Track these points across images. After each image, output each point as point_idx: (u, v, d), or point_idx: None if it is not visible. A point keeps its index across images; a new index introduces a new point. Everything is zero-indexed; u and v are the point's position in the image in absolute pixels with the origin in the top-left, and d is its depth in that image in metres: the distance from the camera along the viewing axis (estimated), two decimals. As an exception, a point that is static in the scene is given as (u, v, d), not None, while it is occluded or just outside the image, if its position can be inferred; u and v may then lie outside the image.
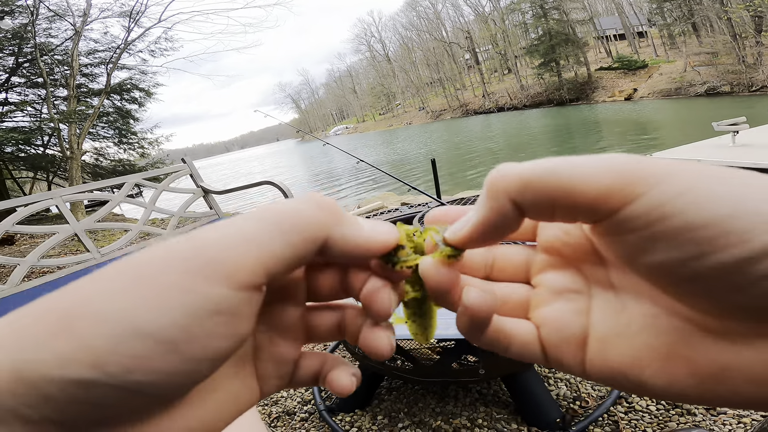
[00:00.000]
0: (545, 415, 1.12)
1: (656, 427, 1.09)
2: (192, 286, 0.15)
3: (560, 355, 0.20)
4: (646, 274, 0.16)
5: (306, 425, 1.33)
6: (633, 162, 0.15)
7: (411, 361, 1.10)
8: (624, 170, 0.15)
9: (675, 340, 0.17)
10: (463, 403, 1.27)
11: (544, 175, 0.16)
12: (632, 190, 0.15)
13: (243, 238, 0.16)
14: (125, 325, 0.14)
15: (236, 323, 0.16)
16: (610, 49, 41.30)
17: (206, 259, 0.15)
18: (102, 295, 0.14)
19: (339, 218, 0.18)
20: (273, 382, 0.21)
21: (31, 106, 10.90)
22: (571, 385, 1.28)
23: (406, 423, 1.23)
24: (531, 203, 0.17)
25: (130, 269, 0.15)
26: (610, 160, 0.16)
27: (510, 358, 0.22)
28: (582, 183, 0.16)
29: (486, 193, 0.18)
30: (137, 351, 0.14)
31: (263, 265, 0.16)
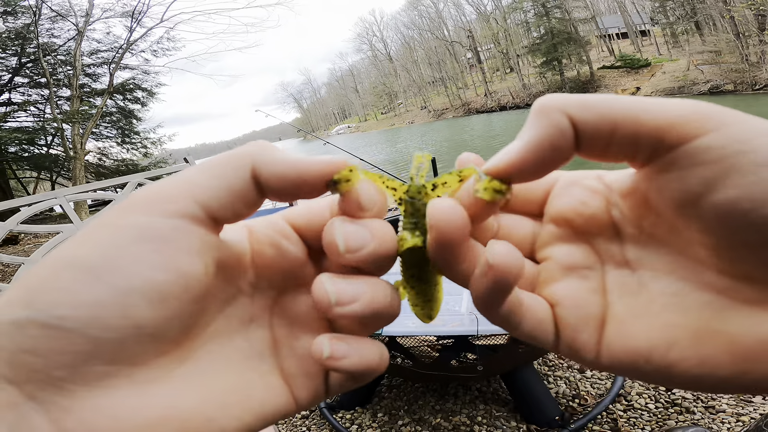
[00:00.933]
0: (544, 413, 1.13)
1: (655, 425, 1.09)
2: (121, 217, 0.15)
3: (575, 336, 0.18)
4: (708, 217, 0.15)
5: (307, 423, 1.34)
6: (706, 103, 0.15)
7: (410, 359, 1.11)
8: (698, 106, 0.14)
9: (707, 316, 0.16)
10: (463, 400, 1.28)
11: (608, 99, 0.15)
12: (706, 122, 0.14)
13: (174, 178, 0.16)
14: (56, 259, 0.14)
15: (169, 252, 0.15)
16: (613, 47, 41.15)
17: (139, 197, 0.16)
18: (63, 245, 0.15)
19: (267, 147, 0.17)
20: (304, 384, 0.19)
21: (35, 106, 10.95)
22: (570, 383, 1.29)
23: (406, 420, 1.24)
24: (591, 124, 0.15)
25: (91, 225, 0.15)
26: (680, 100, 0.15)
27: (508, 356, 0.21)
28: (651, 111, 0.15)
29: (536, 112, 0.16)
30: (63, 282, 0.14)
31: (192, 194, 0.16)
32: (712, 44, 28.45)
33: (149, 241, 0.15)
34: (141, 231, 0.15)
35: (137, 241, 0.14)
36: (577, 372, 1.33)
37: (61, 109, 10.34)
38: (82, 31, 9.99)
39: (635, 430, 1.09)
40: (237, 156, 0.17)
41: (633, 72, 35.88)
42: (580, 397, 1.22)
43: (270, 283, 0.20)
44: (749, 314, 0.15)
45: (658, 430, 1.07)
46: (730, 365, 0.15)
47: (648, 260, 0.18)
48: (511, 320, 0.18)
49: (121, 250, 0.14)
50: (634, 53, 37.98)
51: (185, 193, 0.16)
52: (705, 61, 28.75)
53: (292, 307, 0.20)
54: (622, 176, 0.19)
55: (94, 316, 0.14)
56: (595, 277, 0.19)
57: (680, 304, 0.16)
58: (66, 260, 0.14)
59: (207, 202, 0.16)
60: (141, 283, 0.14)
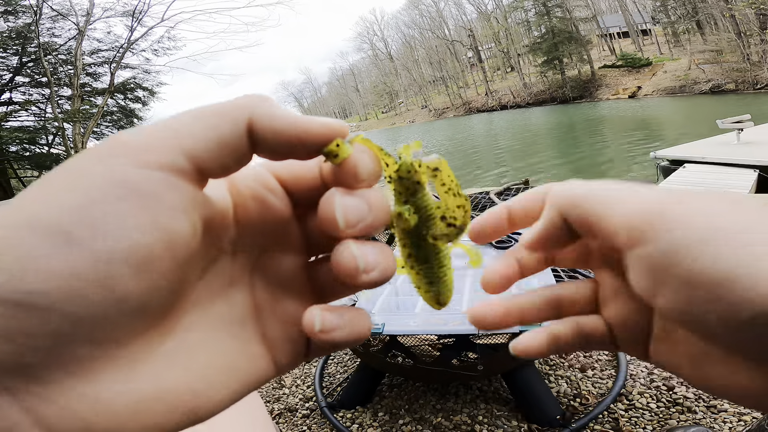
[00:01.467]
0: (545, 413, 1.13)
1: (656, 424, 1.09)
2: (95, 167, 0.12)
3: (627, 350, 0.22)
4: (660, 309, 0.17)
5: (307, 422, 1.34)
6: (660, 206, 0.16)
7: (411, 358, 1.11)
8: (649, 212, 0.16)
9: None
10: (464, 400, 1.28)
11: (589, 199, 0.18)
12: (648, 231, 0.16)
13: (159, 124, 0.14)
14: (15, 221, 0.11)
15: (154, 210, 0.13)
16: (614, 47, 41.11)
17: (117, 143, 0.13)
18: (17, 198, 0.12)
19: (266, 100, 0.15)
20: (286, 348, 0.18)
21: (36, 106, 10.97)
22: (572, 383, 1.28)
23: (406, 420, 1.24)
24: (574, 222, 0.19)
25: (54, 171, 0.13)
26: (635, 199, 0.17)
27: (509, 356, 0.23)
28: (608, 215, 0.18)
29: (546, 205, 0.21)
30: (28, 249, 0.11)
31: (179, 144, 0.14)
32: (713, 43, 28.47)
33: (131, 198, 0.12)
34: (121, 185, 0.12)
35: (117, 197, 0.12)
36: (578, 371, 1.33)
37: (62, 109, 10.36)
38: (82, 30, 10.01)
39: (637, 429, 1.08)
40: (234, 106, 0.15)
41: (634, 71, 35.86)
42: (581, 396, 1.22)
43: (252, 241, 0.18)
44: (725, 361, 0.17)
45: (659, 429, 1.07)
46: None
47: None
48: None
49: (98, 209, 0.12)
50: (635, 52, 37.96)
51: (172, 143, 0.14)
52: (706, 60, 28.79)
53: (273, 269, 0.18)
54: None
55: (71, 290, 0.12)
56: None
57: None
58: (30, 222, 0.11)
59: (196, 154, 0.14)
60: (124, 248, 0.12)
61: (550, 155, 12.63)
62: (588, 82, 38.65)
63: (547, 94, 42.38)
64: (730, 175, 4.41)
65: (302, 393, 1.49)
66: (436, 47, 60.07)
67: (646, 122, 17.02)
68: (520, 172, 10.51)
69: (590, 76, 38.69)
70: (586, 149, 12.67)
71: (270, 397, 1.51)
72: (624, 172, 8.64)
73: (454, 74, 57.30)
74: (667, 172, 5.25)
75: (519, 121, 26.95)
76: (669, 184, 4.34)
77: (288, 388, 1.53)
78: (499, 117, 36.60)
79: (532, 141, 16.57)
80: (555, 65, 40.80)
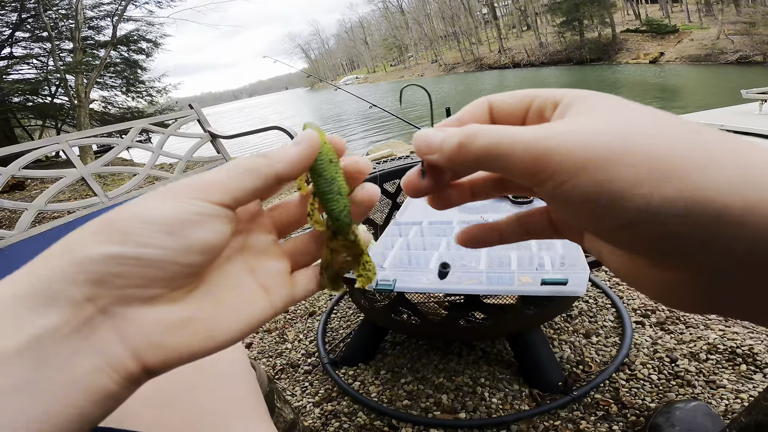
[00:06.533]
0: (548, 378, 1.13)
1: (655, 396, 1.09)
2: (184, 198, 0.22)
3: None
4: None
5: (309, 378, 1.35)
6: (543, 146, 0.19)
7: (418, 316, 1.09)
8: (534, 159, 0.19)
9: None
10: (467, 361, 1.28)
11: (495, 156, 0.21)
12: (536, 177, 0.20)
13: (215, 176, 0.23)
14: (139, 217, 0.20)
15: (214, 223, 0.22)
16: (640, 12, 38.99)
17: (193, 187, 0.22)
18: (127, 207, 0.21)
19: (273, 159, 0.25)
20: (278, 292, 0.27)
21: (37, 59, 10.72)
22: (575, 348, 1.28)
23: (408, 379, 1.25)
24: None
25: (146, 195, 0.22)
26: (524, 145, 0.20)
27: (517, 318, 0.23)
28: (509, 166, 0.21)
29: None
30: (147, 232, 0.20)
31: (227, 190, 0.23)
32: (747, 15, 27.00)
33: (202, 216, 0.22)
34: (198, 209, 0.22)
35: (194, 215, 0.22)
36: (582, 337, 1.32)
37: (64, 61, 10.11)
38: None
39: (636, 400, 1.08)
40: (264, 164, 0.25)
41: (659, 37, 34.13)
42: (584, 364, 1.21)
43: (243, 227, 0.27)
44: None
45: (658, 401, 1.07)
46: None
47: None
48: None
49: (185, 219, 0.21)
50: (662, 19, 36.00)
51: (223, 188, 0.23)
52: (737, 31, 27.40)
53: (256, 245, 0.28)
54: None
55: (168, 257, 0.20)
56: None
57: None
58: (147, 217, 0.20)
59: (238, 195, 0.24)
60: (200, 241, 0.22)
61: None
62: (608, 45, 36.98)
63: (563, 54, 40.75)
64: (748, 146, 4.27)
65: (305, 348, 1.50)
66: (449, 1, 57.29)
67: (666, 87, 16.41)
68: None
69: (610, 40, 36.99)
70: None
71: (273, 352, 1.53)
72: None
73: (467, 30, 54.94)
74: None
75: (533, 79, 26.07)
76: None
77: (291, 343, 1.55)
78: (512, 74, 35.45)
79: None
80: (574, 26, 38.93)
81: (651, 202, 0.17)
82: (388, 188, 1.75)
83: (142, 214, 0.20)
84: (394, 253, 1.15)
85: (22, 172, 2.14)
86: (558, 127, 0.20)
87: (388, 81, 59.19)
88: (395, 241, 1.23)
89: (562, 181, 0.18)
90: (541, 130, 0.20)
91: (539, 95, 0.24)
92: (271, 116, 32.73)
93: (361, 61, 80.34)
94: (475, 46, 53.88)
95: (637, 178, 0.17)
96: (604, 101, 0.21)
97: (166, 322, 0.21)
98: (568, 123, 0.20)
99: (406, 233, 1.31)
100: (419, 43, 63.30)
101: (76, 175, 2.34)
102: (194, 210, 0.21)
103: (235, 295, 0.25)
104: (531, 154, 0.19)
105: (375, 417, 1.15)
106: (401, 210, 1.49)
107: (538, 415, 1.07)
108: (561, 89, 0.23)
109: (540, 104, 0.24)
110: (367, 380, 1.28)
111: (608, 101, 0.21)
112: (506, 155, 0.20)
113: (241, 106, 76.84)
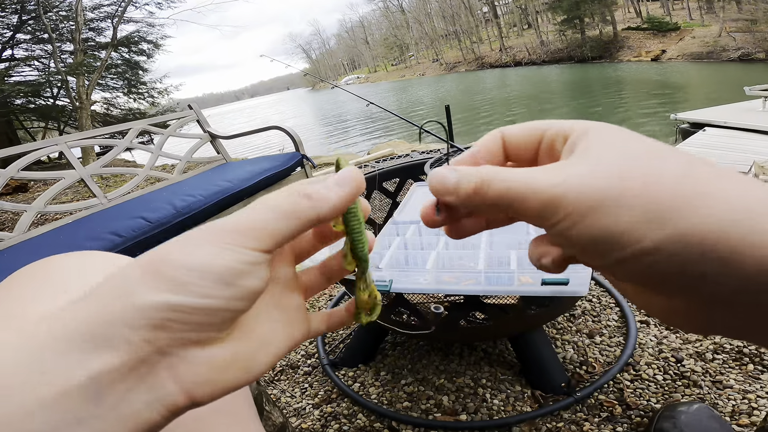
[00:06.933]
0: (551, 379, 1.11)
1: (660, 397, 1.07)
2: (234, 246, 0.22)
3: None
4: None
5: (309, 379, 1.34)
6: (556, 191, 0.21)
7: (417, 317, 1.08)
8: (550, 197, 0.21)
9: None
10: (468, 361, 1.26)
11: (510, 199, 0.23)
12: (554, 215, 0.21)
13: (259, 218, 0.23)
14: (193, 267, 0.21)
15: (260, 270, 0.23)
16: (640, 9, 38.85)
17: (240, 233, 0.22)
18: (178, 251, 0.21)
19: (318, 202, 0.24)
20: (297, 327, 0.28)
21: (38, 61, 10.76)
22: (578, 349, 1.26)
23: (409, 380, 1.23)
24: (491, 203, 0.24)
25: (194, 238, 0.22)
26: (539, 188, 0.22)
27: (519, 318, 0.24)
28: (524, 207, 0.23)
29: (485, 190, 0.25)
30: (204, 282, 0.21)
31: (272, 235, 0.23)
32: (749, 12, 26.91)
33: (251, 264, 0.22)
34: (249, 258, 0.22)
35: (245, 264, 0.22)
36: (585, 337, 1.30)
37: (65, 63, 10.15)
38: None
39: (641, 401, 1.06)
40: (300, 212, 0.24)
41: (660, 35, 34.00)
42: (587, 364, 1.19)
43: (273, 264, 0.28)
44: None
45: (663, 402, 1.05)
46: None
47: None
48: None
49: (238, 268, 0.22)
50: (663, 16, 35.86)
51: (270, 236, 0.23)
52: (739, 28, 27.33)
53: (279, 277, 0.28)
54: None
55: (225, 305, 0.22)
56: None
57: None
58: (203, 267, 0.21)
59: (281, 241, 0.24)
60: (248, 288, 0.22)
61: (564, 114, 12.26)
62: (609, 42, 36.85)
63: (564, 52, 40.64)
64: (751, 141, 4.23)
65: (304, 349, 1.49)
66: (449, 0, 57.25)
67: (668, 85, 16.33)
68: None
69: (612, 37, 36.86)
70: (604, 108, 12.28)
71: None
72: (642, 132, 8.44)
73: (468, 29, 54.87)
74: (686, 134, 5.10)
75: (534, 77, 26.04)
76: (688, 146, 4.20)
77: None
78: (513, 73, 35.39)
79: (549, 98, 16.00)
80: (575, 24, 38.82)
81: (645, 244, 0.18)
82: (388, 187, 1.74)
83: (197, 264, 0.21)
84: (390, 253, 1.13)
85: (21, 173, 2.14)
86: (567, 170, 0.21)
87: (390, 80, 59.16)
88: (392, 241, 1.22)
89: (572, 223, 0.20)
90: (552, 175, 0.21)
91: (550, 127, 0.25)
92: (274, 116, 32.75)
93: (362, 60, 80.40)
94: (476, 44, 53.83)
95: (633, 221, 0.19)
96: (609, 137, 0.22)
97: (216, 362, 0.22)
98: (576, 165, 0.22)
99: (404, 232, 1.30)
100: (420, 42, 63.31)
101: (75, 176, 2.34)
102: (246, 260, 0.22)
103: (265, 331, 0.26)
104: (543, 200, 0.21)
105: (375, 419, 1.14)
106: (399, 209, 1.47)
107: (541, 416, 1.06)
108: (569, 121, 0.25)
109: (551, 137, 0.25)
110: (367, 381, 1.26)
111: (613, 138, 0.22)
112: (520, 201, 0.22)
113: (242, 107, 77.02)
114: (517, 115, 12.89)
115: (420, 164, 1.71)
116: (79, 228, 1.91)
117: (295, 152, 2.67)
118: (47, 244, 1.76)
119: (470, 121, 12.13)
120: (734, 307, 0.19)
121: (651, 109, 10.84)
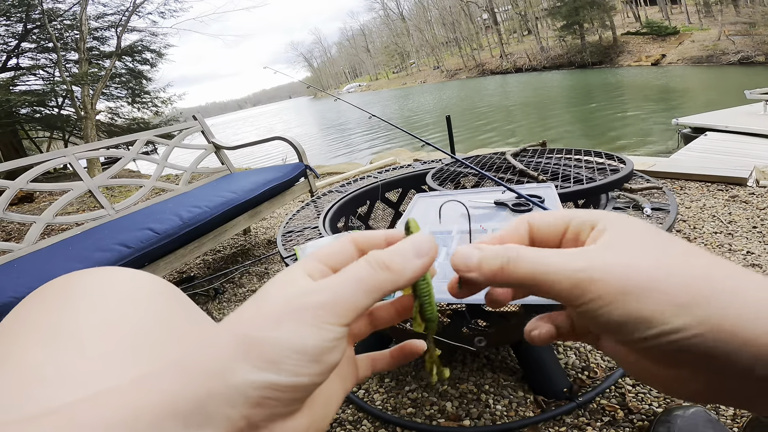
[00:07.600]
0: (553, 385, 1.13)
1: (662, 401, 1.08)
2: (321, 324, 0.23)
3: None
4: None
5: (315, 385, 1.36)
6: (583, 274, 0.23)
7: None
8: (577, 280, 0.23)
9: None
10: (471, 368, 1.28)
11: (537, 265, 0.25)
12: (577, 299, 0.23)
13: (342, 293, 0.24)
14: (285, 346, 0.22)
15: (342, 344, 0.24)
16: (639, 14, 39.02)
17: (327, 310, 0.23)
18: (266, 327, 0.22)
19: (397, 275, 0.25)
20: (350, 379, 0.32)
21: (43, 70, 10.87)
22: (580, 354, 1.28)
23: (413, 386, 1.25)
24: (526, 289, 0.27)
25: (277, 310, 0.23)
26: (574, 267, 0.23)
27: (521, 326, 0.25)
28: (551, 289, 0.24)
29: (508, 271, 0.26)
30: (298, 362, 0.22)
31: (354, 309, 0.24)
32: (747, 16, 26.95)
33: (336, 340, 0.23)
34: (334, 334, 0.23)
35: (331, 340, 0.23)
36: (586, 344, 1.32)
37: (70, 72, 10.25)
38: (86, -5, 9.75)
39: (642, 405, 1.08)
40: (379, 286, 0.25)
41: (659, 39, 34.08)
42: (589, 369, 1.21)
43: None
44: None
45: (666, 406, 1.07)
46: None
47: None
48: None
49: (326, 346, 0.22)
50: (661, 21, 35.99)
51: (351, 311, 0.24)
52: (737, 32, 27.35)
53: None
54: None
55: (313, 380, 0.22)
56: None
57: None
58: (295, 347, 0.22)
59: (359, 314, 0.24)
60: (332, 363, 0.23)
61: (565, 120, 12.28)
62: (609, 48, 36.99)
63: (564, 58, 40.80)
64: (753, 145, 4.24)
65: (310, 357, 1.51)
66: (449, 8, 57.65)
67: (669, 89, 16.35)
68: (535, 135, 10.27)
69: (611, 42, 37.01)
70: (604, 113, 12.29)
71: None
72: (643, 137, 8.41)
73: (468, 36, 55.19)
74: (688, 139, 5.10)
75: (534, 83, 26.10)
76: (690, 151, 4.20)
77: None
78: (514, 79, 35.48)
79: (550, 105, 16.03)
80: (575, 30, 39.00)
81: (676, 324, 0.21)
82: (390, 197, 1.76)
83: (290, 344, 0.22)
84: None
85: (30, 185, 2.18)
86: (595, 256, 0.23)
87: (391, 88, 59.39)
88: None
89: (598, 306, 0.22)
90: (580, 260, 0.23)
91: (576, 216, 0.27)
92: (278, 125, 32.87)
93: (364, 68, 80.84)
94: (476, 51, 54.12)
95: (660, 308, 0.21)
96: (635, 231, 0.24)
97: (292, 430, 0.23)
98: (605, 253, 0.23)
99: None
100: (421, 49, 63.68)
101: (83, 188, 2.37)
102: (332, 337, 0.23)
103: (330, 393, 0.28)
104: (571, 283, 0.23)
105: (380, 425, 1.15)
106: (401, 220, 1.50)
107: (543, 421, 1.07)
108: (596, 211, 0.27)
109: (577, 226, 0.27)
110: (372, 388, 1.28)
111: (639, 231, 0.24)
112: (548, 283, 0.23)
113: (246, 116, 77.43)
114: (519, 122, 12.90)
115: (422, 174, 1.73)
116: (88, 239, 1.94)
117: (299, 162, 2.70)
118: (58, 255, 1.79)
119: (472, 129, 12.15)
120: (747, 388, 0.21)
121: (652, 114, 10.84)
